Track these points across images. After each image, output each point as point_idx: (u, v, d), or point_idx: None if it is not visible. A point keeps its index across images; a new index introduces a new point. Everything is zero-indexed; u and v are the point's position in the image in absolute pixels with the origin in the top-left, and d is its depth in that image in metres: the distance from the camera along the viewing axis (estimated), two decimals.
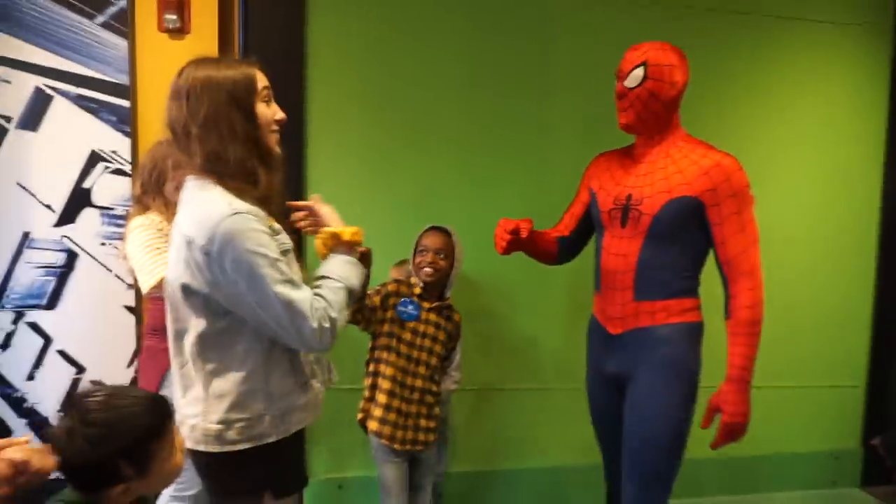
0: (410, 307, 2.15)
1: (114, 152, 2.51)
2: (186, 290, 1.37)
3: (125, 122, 2.51)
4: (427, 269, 2.14)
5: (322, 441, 2.70)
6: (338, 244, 1.51)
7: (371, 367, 2.19)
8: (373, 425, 2.14)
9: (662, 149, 1.87)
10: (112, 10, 2.45)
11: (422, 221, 2.28)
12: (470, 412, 2.85)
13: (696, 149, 1.85)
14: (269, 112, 1.43)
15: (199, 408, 1.41)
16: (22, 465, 0.97)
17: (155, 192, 2.07)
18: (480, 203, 2.74)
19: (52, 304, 2.53)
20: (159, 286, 1.94)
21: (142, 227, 2.01)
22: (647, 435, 1.85)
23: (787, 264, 2.99)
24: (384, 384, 2.14)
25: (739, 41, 2.92)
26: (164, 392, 1.95)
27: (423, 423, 2.17)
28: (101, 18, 2.45)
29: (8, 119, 2.43)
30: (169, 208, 2.01)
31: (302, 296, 1.35)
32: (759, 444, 3.00)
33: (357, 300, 1.50)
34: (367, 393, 2.19)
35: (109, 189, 2.51)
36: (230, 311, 1.37)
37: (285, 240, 1.45)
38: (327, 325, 1.37)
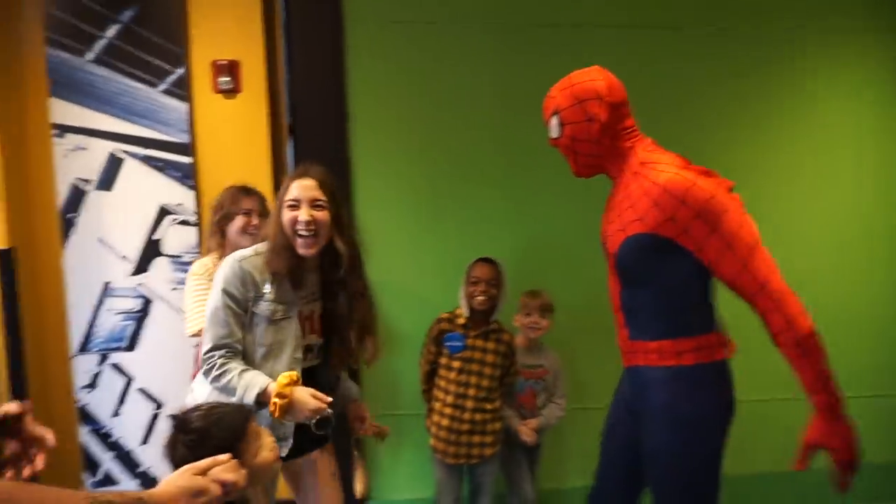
0: (455, 341, 2.41)
1: (179, 205, 2.75)
2: None
3: (189, 176, 2.74)
4: (480, 298, 2.38)
5: (385, 463, 2.83)
6: None
7: (433, 394, 2.49)
8: (431, 441, 2.48)
9: (623, 181, 1.71)
10: (172, 77, 2.70)
11: (467, 251, 2.46)
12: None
13: (651, 172, 1.61)
14: (289, 216, 1.77)
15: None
16: (231, 486, 1.11)
17: (218, 233, 2.26)
18: (523, 229, 2.82)
19: (131, 346, 2.78)
20: (198, 334, 2.13)
21: (196, 275, 2.21)
22: (657, 487, 1.72)
23: (830, 277, 2.97)
24: (440, 407, 2.43)
25: (782, 57, 2.92)
26: None
27: (476, 439, 2.41)
28: (162, 86, 2.70)
29: (87, 182, 2.70)
30: (230, 250, 2.17)
31: (216, 332, 1.74)
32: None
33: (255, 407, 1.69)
34: (428, 414, 2.52)
35: (177, 239, 2.75)
36: None
37: (275, 307, 1.76)
38: (211, 361, 1.73)
